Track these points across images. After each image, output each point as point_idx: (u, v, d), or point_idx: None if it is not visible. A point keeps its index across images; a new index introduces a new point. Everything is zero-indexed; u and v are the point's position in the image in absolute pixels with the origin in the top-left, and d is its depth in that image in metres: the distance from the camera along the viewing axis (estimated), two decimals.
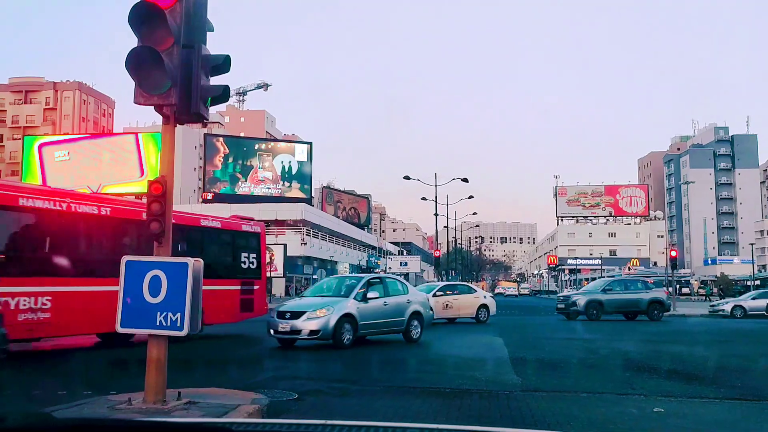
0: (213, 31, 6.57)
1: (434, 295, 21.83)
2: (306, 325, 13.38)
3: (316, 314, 13.46)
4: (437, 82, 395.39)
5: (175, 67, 6.14)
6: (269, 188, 68.56)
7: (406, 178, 42.85)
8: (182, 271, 6.20)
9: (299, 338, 13.63)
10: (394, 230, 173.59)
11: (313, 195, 76.24)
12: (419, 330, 15.56)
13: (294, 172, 70.16)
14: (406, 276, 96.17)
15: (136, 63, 6.05)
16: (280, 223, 59.79)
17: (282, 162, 70.09)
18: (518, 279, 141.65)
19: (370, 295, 14.53)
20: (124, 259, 6.42)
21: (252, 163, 68.53)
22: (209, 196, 65.53)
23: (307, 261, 61.24)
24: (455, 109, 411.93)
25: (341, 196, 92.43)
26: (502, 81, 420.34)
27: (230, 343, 16.39)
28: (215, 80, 6.69)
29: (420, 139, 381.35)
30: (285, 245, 43.19)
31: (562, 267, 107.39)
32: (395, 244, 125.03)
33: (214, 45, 6.61)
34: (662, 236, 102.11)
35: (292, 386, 8.24)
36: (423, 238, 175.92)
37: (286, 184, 69.57)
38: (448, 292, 23.68)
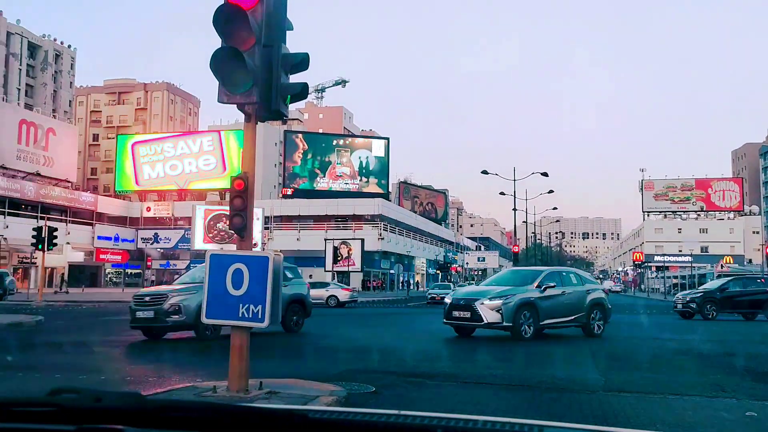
0: (292, 30, 6.72)
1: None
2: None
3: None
4: (515, 74, 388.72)
5: (257, 66, 6.31)
6: (347, 183, 69.43)
7: (484, 172, 42.37)
8: (263, 264, 6.38)
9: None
10: (471, 225, 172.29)
11: (390, 190, 76.68)
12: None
13: (371, 167, 70.73)
14: (484, 271, 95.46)
15: (219, 63, 6.26)
16: (358, 218, 60.47)
17: (360, 157, 70.81)
18: (601, 276, 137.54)
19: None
20: (208, 252, 6.67)
21: (330, 159, 69.57)
22: (289, 192, 67.05)
23: (385, 256, 61.68)
24: (535, 102, 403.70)
25: (418, 191, 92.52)
26: (581, 72, 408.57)
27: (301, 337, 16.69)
28: (294, 78, 6.84)
29: (499, 134, 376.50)
30: (362, 240, 43.71)
31: (649, 264, 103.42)
32: (472, 239, 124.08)
33: (293, 43, 6.76)
34: (758, 232, 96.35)
35: (369, 379, 8.32)
36: (501, 234, 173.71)
37: (364, 179, 70.24)
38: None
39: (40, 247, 28.11)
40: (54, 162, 55.00)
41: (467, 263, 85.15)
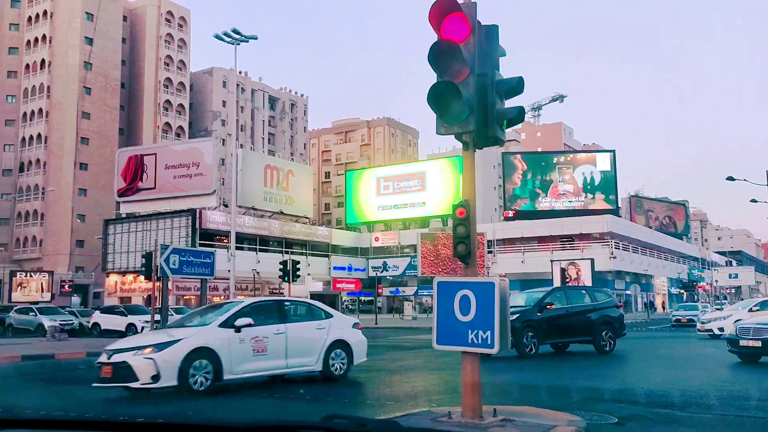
0: (505, 55, 6.75)
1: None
2: None
3: None
4: (753, 65, 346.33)
5: (472, 96, 6.43)
6: (571, 201, 67.03)
7: (730, 179, 38.19)
8: (489, 290, 6.40)
9: None
10: (718, 238, 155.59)
11: (619, 205, 72.42)
12: None
13: (597, 182, 67.50)
14: (737, 289, 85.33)
15: (436, 97, 6.50)
16: (585, 237, 57.92)
17: (583, 173, 68.04)
18: None
19: None
20: (436, 279, 6.86)
21: (551, 177, 67.83)
22: (510, 214, 66.53)
23: (618, 275, 58.15)
24: None
25: (652, 205, 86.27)
26: None
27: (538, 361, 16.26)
28: (510, 102, 6.85)
29: (743, 134, 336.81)
30: (592, 260, 41.64)
31: None
32: (721, 253, 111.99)
33: (507, 66, 6.78)
34: None
35: (609, 409, 7.86)
36: (756, 246, 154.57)
37: (589, 195, 67.27)
38: None
39: (286, 279, 31.15)
40: (294, 200, 60.79)
41: (717, 281, 76.90)
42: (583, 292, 17.96)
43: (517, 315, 14.60)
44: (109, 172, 59.75)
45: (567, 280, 41.77)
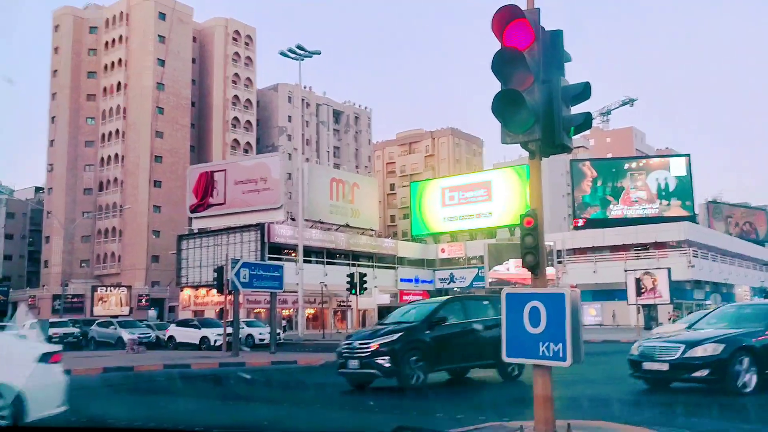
0: (570, 61, 6.61)
1: None
2: None
3: None
4: None
5: (537, 104, 6.32)
6: (644, 209, 64.86)
7: None
8: (560, 301, 6.24)
9: None
10: None
11: (696, 212, 69.61)
12: None
13: (671, 188, 65.08)
14: None
15: (500, 106, 6.42)
16: (661, 246, 55.90)
17: (657, 179, 65.74)
18: None
19: None
20: (504, 290, 6.75)
21: (623, 184, 65.87)
22: (580, 223, 64.98)
23: (697, 285, 55.80)
24: None
25: (732, 211, 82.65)
26: None
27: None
28: (576, 108, 6.69)
29: None
30: (668, 269, 40.05)
31: None
32: None
33: (573, 71, 6.64)
34: None
35: (688, 424, 7.52)
36: None
37: (664, 202, 64.91)
38: None
39: (353, 291, 31.37)
40: (360, 213, 61.28)
41: None
42: (486, 303, 13.90)
43: (400, 334, 11.83)
44: (182, 188, 61.89)
45: (642, 290, 40.40)
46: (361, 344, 11.95)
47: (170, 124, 72.20)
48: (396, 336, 11.72)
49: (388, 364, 11.42)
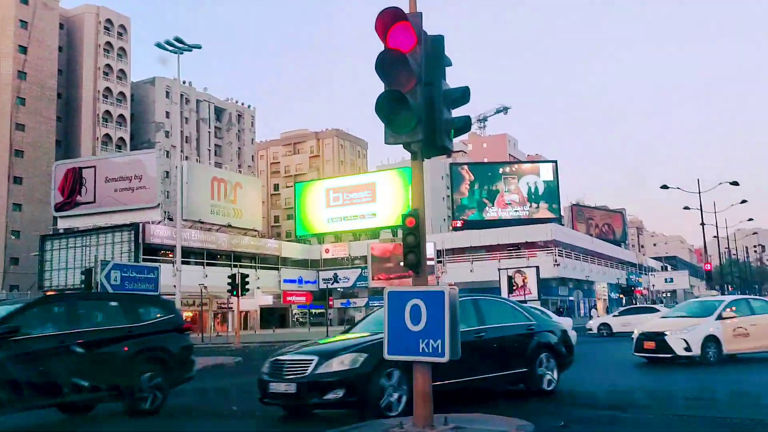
0: (451, 65, 6.83)
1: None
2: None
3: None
4: (685, 78, 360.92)
5: (419, 105, 6.47)
6: (517, 211, 68.30)
7: (664, 187, 39.68)
8: (439, 299, 6.41)
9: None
10: (654, 244, 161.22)
11: (562, 214, 74.20)
12: None
13: (541, 192, 69.05)
14: (673, 293, 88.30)
15: (384, 107, 6.51)
16: (531, 246, 59.07)
17: (528, 183, 69.53)
18: None
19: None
20: (387, 289, 6.85)
21: (498, 188, 69.00)
22: (459, 224, 67.29)
23: (562, 282, 59.47)
24: (715, 104, 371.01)
25: (592, 213, 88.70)
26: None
27: None
28: (456, 112, 6.93)
29: (677, 144, 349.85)
30: (537, 267, 42.45)
31: None
32: (657, 259, 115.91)
33: (452, 77, 6.86)
34: None
35: (558, 413, 7.98)
36: (690, 251, 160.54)
37: (534, 205, 68.71)
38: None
39: (234, 293, 30.62)
40: (242, 213, 59.98)
41: (653, 285, 79.46)
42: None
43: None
44: (46, 185, 57.80)
45: (514, 287, 42.47)
46: None
47: (33, 117, 67.00)
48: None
49: None
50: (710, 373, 12.72)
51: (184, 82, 79.95)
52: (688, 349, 13.58)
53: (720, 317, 14.07)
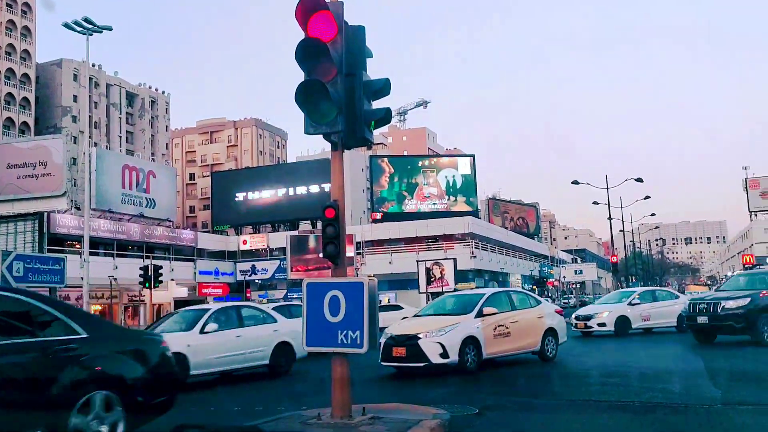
0: (372, 57, 6.82)
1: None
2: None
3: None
4: (602, 78, 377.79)
5: (340, 96, 6.44)
6: (435, 204, 69.32)
7: (575, 183, 41.35)
8: (358, 290, 6.42)
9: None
10: (565, 237, 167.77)
11: (479, 207, 75.92)
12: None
13: (458, 185, 70.37)
14: (582, 284, 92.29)
15: (304, 96, 6.43)
16: (449, 238, 60.14)
17: (446, 177, 70.67)
18: (708, 282, 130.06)
19: None
20: (305, 281, 6.79)
21: (417, 181, 69.80)
22: (378, 216, 67.65)
23: (478, 274, 60.88)
24: (624, 105, 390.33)
25: (508, 207, 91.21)
26: (673, 67, 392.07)
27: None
28: (377, 104, 6.93)
29: (587, 141, 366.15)
30: (455, 259, 43.24)
31: (760, 266, 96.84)
32: (568, 251, 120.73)
33: (373, 69, 6.86)
34: None
35: (471, 401, 8.18)
36: (598, 244, 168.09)
37: (452, 198, 69.95)
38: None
39: (147, 285, 29.61)
40: (156, 203, 57.97)
41: (564, 277, 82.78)
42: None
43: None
44: None
45: (432, 279, 43.10)
46: None
47: None
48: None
49: None
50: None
51: (93, 65, 76.36)
52: (444, 355, 11.29)
53: (480, 314, 12.18)
